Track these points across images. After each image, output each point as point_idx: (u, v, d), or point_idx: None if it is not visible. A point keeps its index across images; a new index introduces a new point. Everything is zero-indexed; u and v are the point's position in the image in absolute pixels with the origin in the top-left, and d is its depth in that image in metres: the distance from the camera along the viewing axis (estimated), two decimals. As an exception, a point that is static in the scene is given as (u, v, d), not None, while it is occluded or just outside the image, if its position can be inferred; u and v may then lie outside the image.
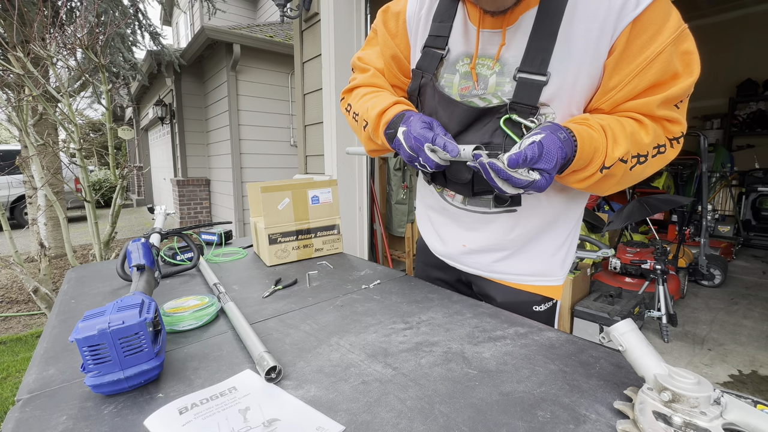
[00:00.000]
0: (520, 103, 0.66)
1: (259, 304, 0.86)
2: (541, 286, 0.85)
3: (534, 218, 0.78)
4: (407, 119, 0.69)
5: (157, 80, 6.65)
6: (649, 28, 0.59)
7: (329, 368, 0.59)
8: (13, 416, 0.50)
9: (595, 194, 0.75)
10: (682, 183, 4.69)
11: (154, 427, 0.46)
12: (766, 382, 2.06)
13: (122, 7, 4.00)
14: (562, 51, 0.64)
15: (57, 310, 0.86)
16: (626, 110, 0.65)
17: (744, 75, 5.52)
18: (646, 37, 0.60)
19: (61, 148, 3.00)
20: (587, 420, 0.47)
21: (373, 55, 0.88)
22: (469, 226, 0.84)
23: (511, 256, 0.83)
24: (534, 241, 0.81)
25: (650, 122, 0.63)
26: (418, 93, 0.80)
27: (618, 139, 0.61)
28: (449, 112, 0.74)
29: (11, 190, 6.61)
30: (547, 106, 0.67)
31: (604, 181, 0.65)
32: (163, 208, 1.30)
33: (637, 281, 2.88)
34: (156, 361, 0.55)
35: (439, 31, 0.76)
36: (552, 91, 0.65)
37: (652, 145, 0.64)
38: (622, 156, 0.61)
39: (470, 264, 0.89)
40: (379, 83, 0.86)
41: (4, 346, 2.69)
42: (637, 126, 0.63)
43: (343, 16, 2.36)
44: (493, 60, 0.70)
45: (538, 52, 0.64)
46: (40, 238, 2.73)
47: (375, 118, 0.76)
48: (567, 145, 0.58)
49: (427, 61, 0.77)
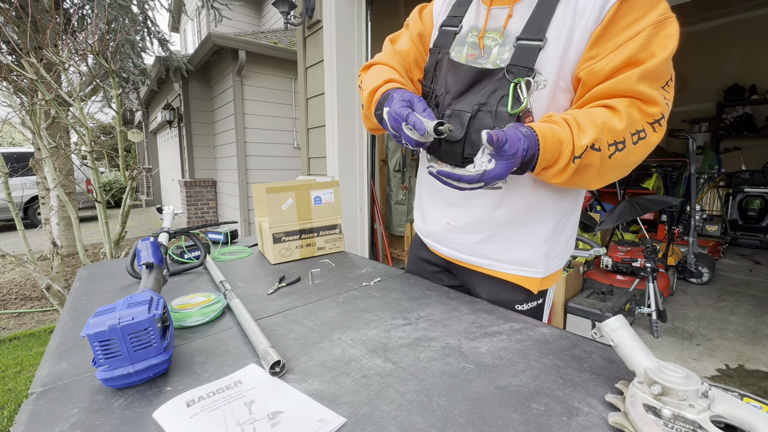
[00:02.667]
0: (517, 65, 0.67)
1: (263, 300, 0.86)
2: (520, 276, 0.81)
3: (517, 200, 0.76)
4: (390, 98, 0.68)
5: (166, 85, 6.65)
6: (634, 11, 0.61)
7: (331, 362, 0.59)
8: (27, 408, 0.50)
9: (582, 188, 0.73)
10: (671, 184, 4.69)
11: (163, 420, 0.46)
12: (753, 376, 2.06)
13: (132, 14, 3.99)
14: (559, 21, 0.66)
15: (69, 307, 0.86)
16: (608, 90, 0.63)
17: (731, 80, 5.52)
18: (631, 19, 0.62)
19: (73, 151, 3.00)
20: (580, 412, 0.47)
21: (402, 37, 0.90)
22: (453, 202, 0.83)
23: (493, 237, 0.80)
24: (517, 226, 0.78)
25: (624, 107, 0.61)
26: (434, 68, 0.81)
27: (583, 127, 0.60)
28: (454, 75, 0.75)
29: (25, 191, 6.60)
30: (540, 74, 0.67)
31: (582, 172, 0.64)
32: (171, 209, 1.30)
33: (628, 279, 2.88)
34: (164, 356, 0.55)
35: (456, 12, 0.81)
36: (546, 56, 0.66)
37: (629, 131, 0.61)
38: (592, 143, 0.60)
39: (453, 245, 0.87)
40: (392, 63, 0.84)
41: (18, 341, 2.69)
42: (608, 113, 0.62)
43: (345, 23, 2.36)
44: (499, 32, 0.72)
45: (537, 22, 0.67)
46: (53, 237, 2.73)
47: (367, 98, 0.77)
48: (529, 139, 0.59)
49: (443, 39, 0.80)
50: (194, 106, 5.88)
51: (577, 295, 2.57)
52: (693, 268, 3.35)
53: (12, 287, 3.68)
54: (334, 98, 2.38)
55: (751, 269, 3.88)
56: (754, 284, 3.44)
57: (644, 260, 2.59)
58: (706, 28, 5.74)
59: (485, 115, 0.69)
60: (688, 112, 6.06)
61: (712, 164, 4.95)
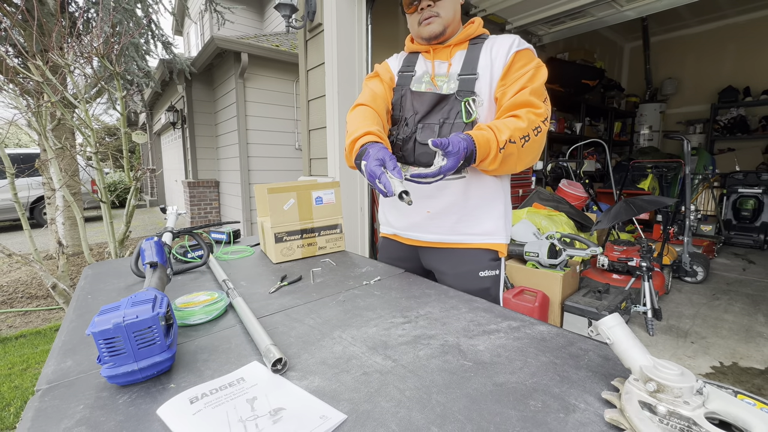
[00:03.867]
0: (463, 90, 0.98)
1: (265, 299, 0.86)
2: (492, 243, 1.06)
3: (479, 187, 1.03)
4: (367, 154, 0.84)
5: (169, 87, 6.65)
6: (524, 59, 0.97)
7: (332, 360, 0.59)
8: (33, 405, 0.50)
9: (511, 171, 0.97)
10: (666, 184, 4.69)
11: (167, 416, 0.46)
12: (746, 373, 2.06)
13: (136, 18, 3.99)
14: (484, 63, 0.99)
15: (74, 305, 0.86)
16: (514, 103, 0.92)
17: (725, 82, 5.53)
18: (522, 63, 0.96)
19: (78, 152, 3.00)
20: (576, 409, 0.47)
21: (374, 81, 1.15)
22: (430, 194, 1.04)
23: (467, 217, 1.04)
24: (482, 205, 1.04)
25: (524, 114, 0.89)
26: (401, 100, 1.08)
27: (501, 130, 0.86)
28: (420, 101, 1.03)
29: (31, 191, 6.60)
30: (478, 96, 0.98)
31: (507, 159, 0.88)
32: (175, 209, 1.30)
33: (623, 278, 2.88)
34: (168, 353, 0.55)
35: (408, 63, 1.12)
36: (480, 84, 0.98)
37: (531, 128, 0.89)
38: (510, 138, 0.86)
39: (433, 229, 1.07)
40: (373, 105, 1.05)
41: (24, 339, 2.69)
42: (515, 120, 0.89)
43: (346, 26, 2.36)
44: (445, 75, 1.04)
45: (470, 64, 1.00)
46: (59, 237, 2.73)
47: (348, 146, 0.94)
48: (467, 141, 0.82)
49: (403, 80, 1.10)
50: (197, 108, 5.88)
51: (573, 294, 2.57)
52: (688, 267, 3.35)
53: (18, 286, 3.68)
54: (334, 100, 2.38)
55: (745, 268, 3.88)
56: (747, 283, 3.44)
57: (640, 259, 2.59)
58: (701, 32, 5.74)
59: (447, 126, 0.98)
60: (683, 113, 6.07)
61: (706, 165, 4.95)
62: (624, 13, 3.50)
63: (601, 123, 5.78)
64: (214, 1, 4.73)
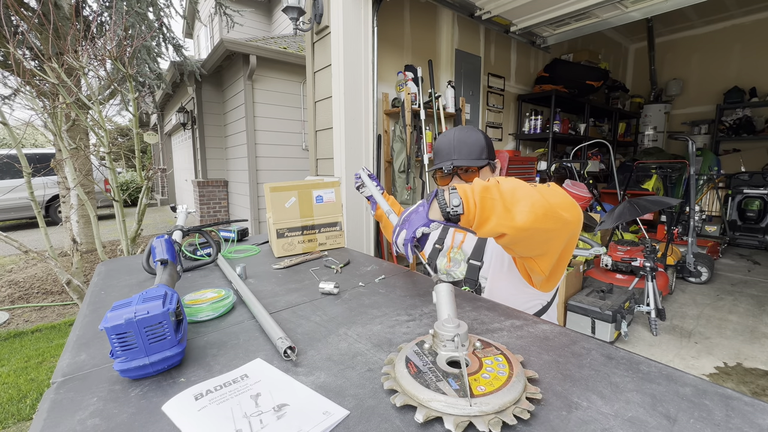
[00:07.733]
0: (470, 279, 1.04)
1: (272, 296, 0.87)
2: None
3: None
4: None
5: (180, 89, 6.70)
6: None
7: (338, 356, 0.59)
8: (48, 397, 0.51)
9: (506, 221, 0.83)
10: (670, 185, 4.63)
11: (173, 413, 0.47)
12: (751, 374, 2.03)
13: (148, 21, 4.03)
14: (489, 252, 1.03)
15: (88, 301, 0.87)
16: None
17: (731, 83, 5.44)
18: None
19: (92, 152, 3.04)
20: (579, 407, 0.46)
21: None
22: None
23: None
24: None
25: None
26: None
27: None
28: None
29: (46, 190, 6.71)
30: (485, 278, 1.03)
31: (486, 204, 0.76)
32: (185, 207, 1.31)
33: (627, 278, 2.85)
34: (178, 348, 0.56)
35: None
36: (485, 269, 1.03)
37: (535, 189, 0.82)
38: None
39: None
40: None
41: (40, 333, 2.74)
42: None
43: (352, 29, 2.36)
44: (458, 247, 1.11)
45: (479, 251, 1.05)
46: (73, 235, 2.77)
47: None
48: (428, 198, 0.75)
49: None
50: (207, 109, 5.92)
51: (577, 294, 2.55)
52: (692, 268, 3.31)
53: (34, 282, 3.74)
54: (341, 101, 2.38)
55: (750, 269, 3.82)
56: (752, 284, 3.39)
57: (643, 260, 2.56)
58: (706, 32, 5.65)
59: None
60: (688, 114, 5.98)
61: (711, 166, 4.88)
62: (629, 14, 3.47)
63: (605, 124, 5.72)
64: (223, 5, 4.76)
